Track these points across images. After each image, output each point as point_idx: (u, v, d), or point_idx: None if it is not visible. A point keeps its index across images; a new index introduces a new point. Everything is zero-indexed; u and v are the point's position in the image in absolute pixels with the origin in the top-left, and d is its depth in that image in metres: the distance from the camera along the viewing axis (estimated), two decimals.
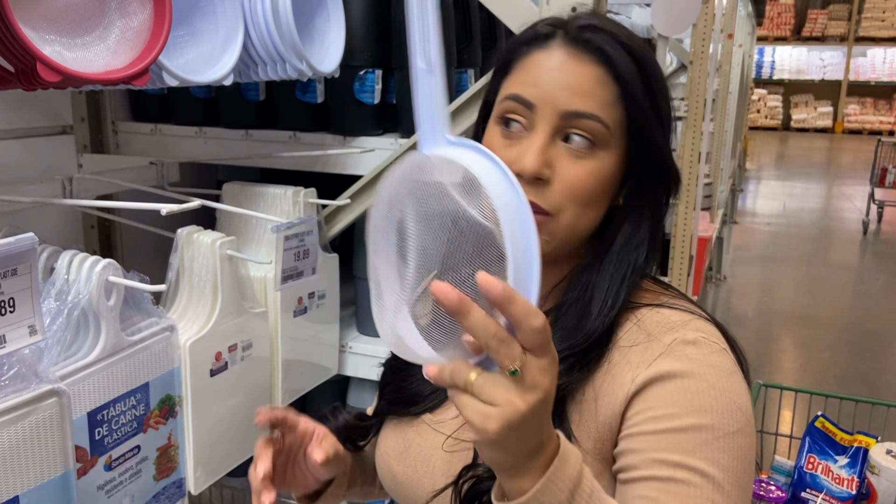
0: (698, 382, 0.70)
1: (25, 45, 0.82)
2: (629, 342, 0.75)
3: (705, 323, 0.77)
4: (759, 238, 7.00)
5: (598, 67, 0.74)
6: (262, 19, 1.15)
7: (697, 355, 0.71)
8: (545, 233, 0.74)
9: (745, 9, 6.99)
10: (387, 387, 0.92)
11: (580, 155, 0.73)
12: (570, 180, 0.73)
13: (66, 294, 0.97)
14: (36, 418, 0.85)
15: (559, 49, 0.75)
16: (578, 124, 0.73)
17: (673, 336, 0.73)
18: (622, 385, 0.72)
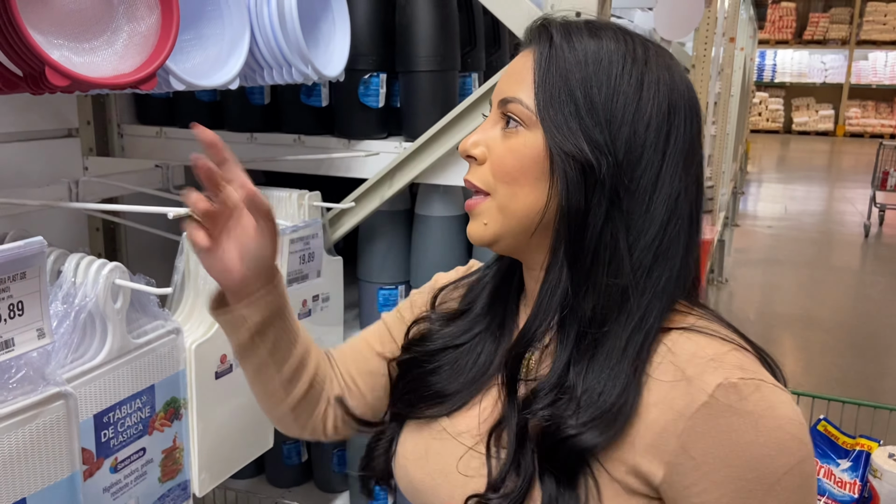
0: (746, 433, 0.67)
1: (34, 49, 0.83)
2: (664, 375, 0.71)
3: (741, 353, 0.72)
4: (760, 241, 7.01)
5: (529, 54, 0.77)
6: (269, 24, 1.16)
7: (739, 403, 0.68)
8: (484, 216, 0.78)
9: (746, 12, 6.99)
10: (403, 383, 0.89)
11: (509, 135, 0.77)
12: (494, 158, 0.77)
13: (73, 297, 0.97)
14: (43, 421, 0.85)
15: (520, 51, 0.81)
16: (507, 108, 0.77)
17: (714, 381, 0.69)
18: (655, 427, 0.70)
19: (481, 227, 0.78)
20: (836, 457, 1.79)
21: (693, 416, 0.68)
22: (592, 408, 0.71)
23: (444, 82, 1.44)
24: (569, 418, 0.71)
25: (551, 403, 0.72)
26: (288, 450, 1.80)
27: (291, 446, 1.80)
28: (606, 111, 0.73)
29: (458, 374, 0.85)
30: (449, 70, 1.43)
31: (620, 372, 0.71)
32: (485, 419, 0.81)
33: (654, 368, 0.72)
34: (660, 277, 0.74)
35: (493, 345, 0.85)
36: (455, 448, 0.81)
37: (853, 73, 13.86)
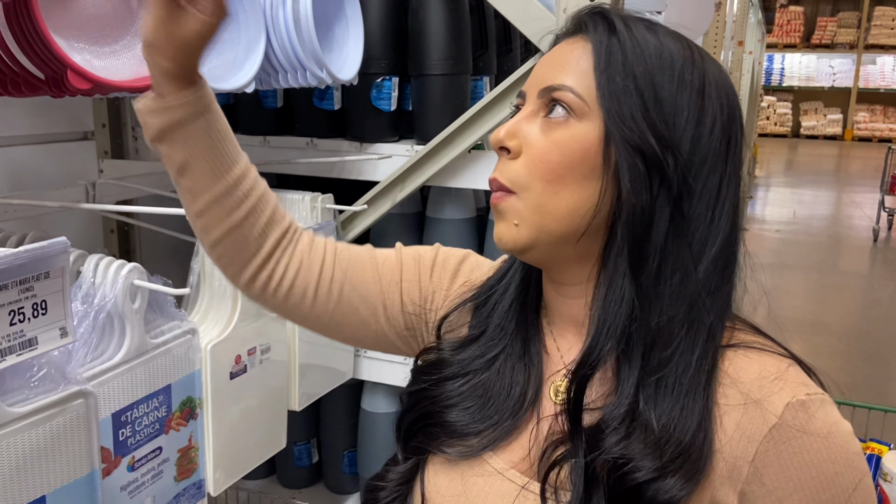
0: (817, 452, 0.65)
1: (57, 53, 0.85)
2: (731, 400, 0.67)
3: (797, 369, 0.69)
4: (768, 245, 6.99)
5: (577, 41, 0.71)
6: (284, 28, 1.17)
7: (808, 423, 0.65)
8: (513, 216, 0.70)
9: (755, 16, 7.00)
10: (417, 416, 0.81)
11: (554, 126, 0.69)
12: (534, 152, 0.69)
13: (92, 297, 0.99)
14: (64, 419, 0.86)
15: (561, 38, 0.74)
16: (554, 95, 0.69)
17: (782, 401, 0.66)
18: (730, 458, 0.66)
19: (512, 228, 0.70)
20: None
21: (764, 440, 0.66)
22: (670, 445, 0.65)
23: (456, 86, 1.45)
24: (646, 458, 0.64)
25: (625, 437, 0.65)
26: (299, 451, 1.82)
27: (303, 447, 1.82)
28: (671, 107, 0.68)
29: (490, 405, 0.76)
30: (461, 73, 1.45)
31: (695, 400, 0.66)
32: (528, 452, 0.74)
33: (718, 394, 0.68)
34: (725, 292, 0.70)
35: (523, 369, 0.77)
36: (502, 485, 0.74)
37: (861, 77, 13.82)
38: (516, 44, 1.78)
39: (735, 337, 0.71)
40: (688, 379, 0.66)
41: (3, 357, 0.73)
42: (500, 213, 0.71)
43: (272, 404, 1.31)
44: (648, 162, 0.67)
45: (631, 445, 0.65)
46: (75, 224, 1.56)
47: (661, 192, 0.67)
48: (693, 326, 0.67)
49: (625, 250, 0.68)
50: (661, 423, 0.65)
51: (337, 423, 1.75)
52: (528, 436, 0.75)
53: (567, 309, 0.76)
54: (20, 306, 0.74)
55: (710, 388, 0.67)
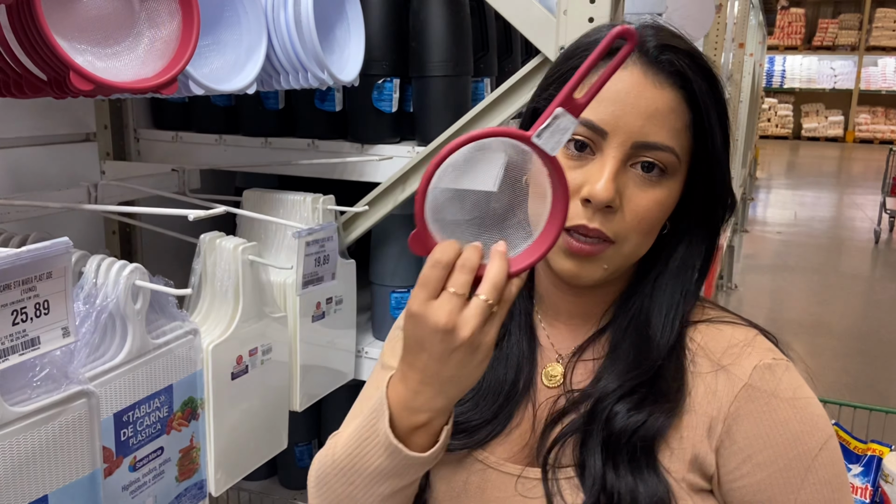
0: (784, 413, 0.72)
1: (59, 54, 0.85)
2: (703, 368, 0.75)
3: (762, 336, 0.78)
4: (770, 247, 6.99)
5: (674, 92, 0.70)
6: (285, 30, 1.17)
7: (775, 384, 0.73)
8: (605, 261, 0.73)
9: (755, 18, 6.99)
10: None
11: (649, 183, 0.71)
12: (638, 210, 0.71)
13: (94, 297, 0.99)
14: (66, 419, 0.87)
15: (634, 68, 0.71)
16: (650, 155, 0.71)
17: (750, 364, 0.74)
18: (705, 417, 0.73)
19: (601, 270, 0.74)
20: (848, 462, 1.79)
21: (735, 399, 0.72)
22: (661, 391, 0.74)
23: (457, 87, 1.45)
24: (643, 406, 0.73)
25: (627, 396, 0.74)
26: (300, 452, 1.82)
27: (304, 448, 1.82)
28: (729, 139, 0.76)
29: (484, 398, 0.80)
30: (462, 75, 1.45)
31: (676, 353, 0.76)
32: (526, 441, 0.78)
33: (691, 363, 0.76)
34: (700, 280, 0.80)
35: (516, 364, 0.81)
36: (499, 479, 0.78)
37: (862, 78, 13.83)
38: (517, 46, 1.78)
39: (706, 314, 0.80)
40: (670, 333, 0.76)
41: (6, 357, 0.74)
42: (594, 260, 0.73)
43: (273, 405, 1.31)
44: (720, 213, 0.79)
45: (636, 412, 0.73)
46: (77, 225, 1.56)
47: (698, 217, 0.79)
48: (675, 321, 0.77)
49: (666, 269, 0.79)
50: (664, 386, 0.74)
51: (338, 423, 1.74)
52: (524, 425, 0.79)
53: (571, 306, 0.82)
54: (23, 306, 0.74)
55: (683, 339, 0.77)
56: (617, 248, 0.73)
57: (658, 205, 0.73)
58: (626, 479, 0.71)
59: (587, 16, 1.20)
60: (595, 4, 1.19)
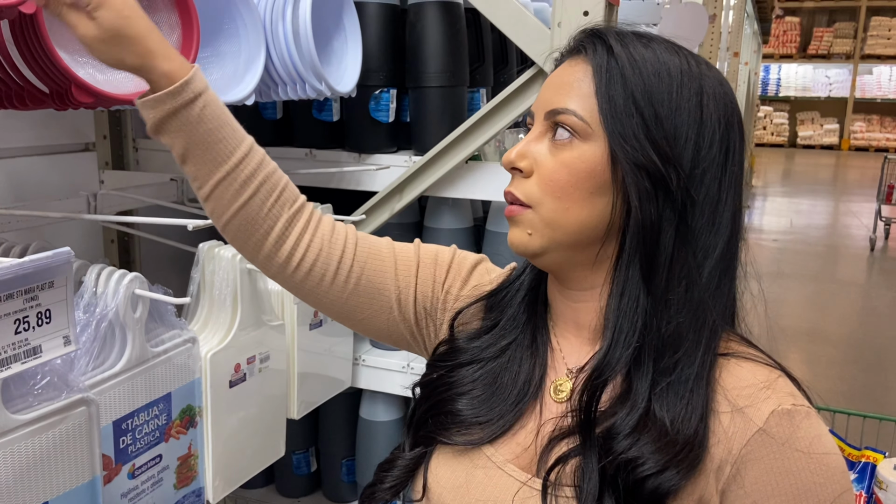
0: (797, 461, 0.68)
1: (62, 67, 0.86)
2: (719, 406, 0.71)
3: (786, 380, 0.73)
4: (766, 254, 7.01)
5: (582, 64, 0.74)
6: (284, 42, 1.19)
7: (792, 433, 0.68)
8: (527, 225, 0.74)
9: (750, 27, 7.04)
10: (431, 404, 0.83)
11: (560, 147, 0.73)
12: (544, 171, 0.74)
13: (94, 306, 1.00)
14: (66, 426, 0.88)
15: (564, 59, 0.78)
16: (558, 119, 0.74)
17: (767, 408, 0.69)
18: (715, 459, 0.69)
19: (525, 236, 0.75)
20: None
21: (747, 444, 0.69)
22: (678, 441, 0.68)
23: (453, 98, 1.47)
24: (654, 454, 0.68)
25: (637, 439, 0.69)
26: (297, 459, 1.83)
27: (301, 456, 1.83)
28: (670, 124, 0.72)
29: (497, 395, 0.80)
30: (457, 86, 1.47)
31: (697, 400, 0.69)
32: (528, 447, 0.77)
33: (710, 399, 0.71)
34: (726, 296, 0.74)
35: (530, 358, 0.81)
36: (503, 480, 0.77)
37: (858, 87, 13.90)
38: (512, 57, 1.80)
39: (729, 347, 0.74)
40: (693, 376, 0.70)
41: (8, 365, 0.75)
42: (515, 223, 0.75)
43: (271, 412, 1.32)
44: (653, 178, 0.71)
45: (642, 446, 0.68)
46: (76, 234, 1.57)
47: (666, 206, 0.72)
48: (699, 328, 0.71)
49: (636, 261, 0.73)
50: (671, 422, 0.68)
51: (335, 431, 1.76)
52: (528, 431, 0.78)
53: (572, 313, 0.80)
54: (25, 315, 0.75)
55: (710, 383, 0.71)
56: (534, 213, 0.74)
57: (564, 166, 0.73)
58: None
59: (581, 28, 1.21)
60: (588, 17, 1.21)
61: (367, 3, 1.44)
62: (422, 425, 0.83)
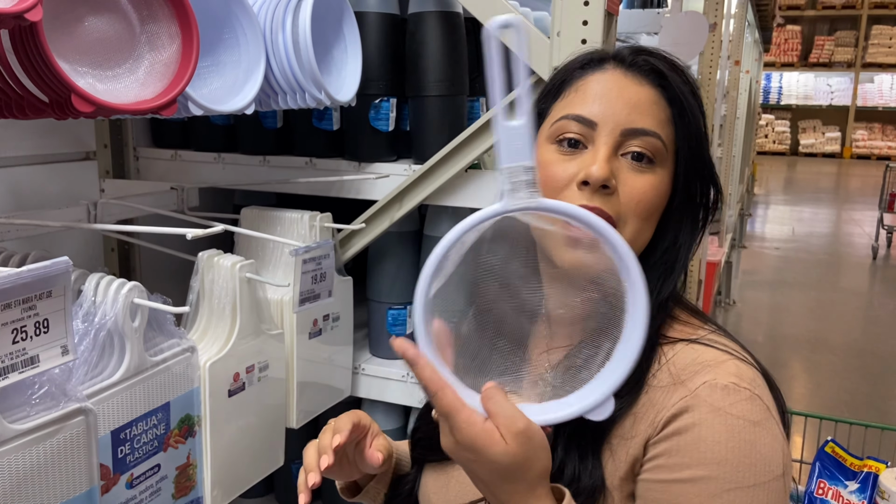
0: (716, 432, 0.69)
1: (62, 77, 0.87)
2: (661, 381, 0.74)
3: (741, 364, 0.74)
4: (768, 263, 7.00)
5: (653, 88, 0.76)
6: (283, 52, 1.19)
7: (721, 402, 0.70)
8: None
9: (751, 35, 7.05)
10: (419, 436, 0.92)
11: (641, 169, 0.75)
12: (633, 191, 0.75)
13: (92, 315, 1.00)
14: (64, 436, 0.87)
15: (615, 70, 0.78)
16: (639, 141, 0.75)
17: (702, 379, 0.72)
18: (644, 427, 0.73)
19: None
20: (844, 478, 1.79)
21: (672, 409, 0.72)
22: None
23: (453, 107, 1.47)
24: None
25: None
26: (297, 469, 1.82)
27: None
28: (707, 136, 0.79)
29: None
30: (457, 95, 1.47)
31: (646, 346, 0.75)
32: None
33: (652, 377, 0.75)
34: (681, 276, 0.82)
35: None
36: None
37: (859, 95, 13.91)
38: None
39: (696, 333, 0.78)
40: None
41: (6, 375, 0.75)
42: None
43: (270, 422, 1.32)
44: (695, 201, 0.80)
45: None
46: (76, 243, 1.57)
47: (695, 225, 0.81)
48: (661, 306, 0.78)
49: (647, 262, 0.77)
50: None
51: None
52: None
53: (567, 315, 0.80)
54: (23, 325, 0.75)
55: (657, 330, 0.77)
56: (619, 230, 0.73)
57: (653, 188, 0.75)
58: (573, 459, 0.74)
59: (580, 37, 1.22)
60: (588, 27, 1.21)
61: (367, 13, 1.44)
62: (415, 447, 0.91)
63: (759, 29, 7.49)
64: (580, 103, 0.77)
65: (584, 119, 0.76)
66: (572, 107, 0.78)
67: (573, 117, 0.76)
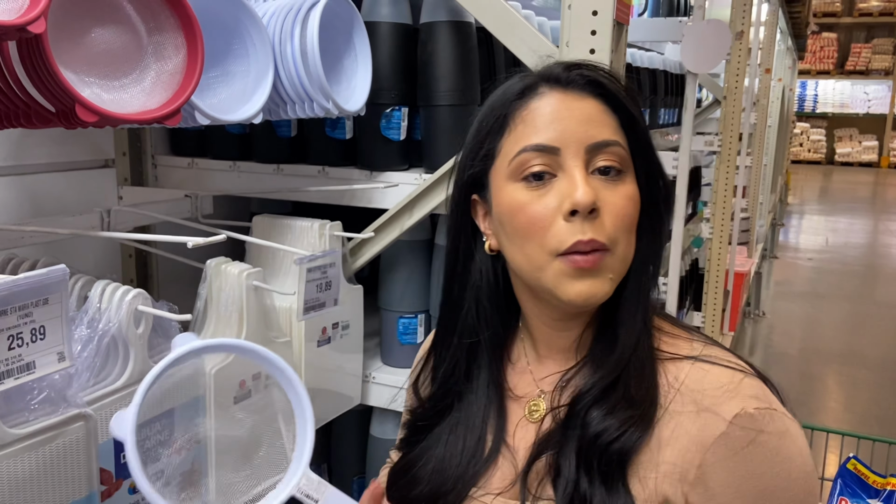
0: (760, 464, 0.69)
1: (66, 87, 0.88)
2: (679, 406, 0.73)
3: (753, 380, 0.74)
4: (800, 273, 6.87)
5: (595, 100, 0.75)
6: (292, 61, 1.20)
7: (756, 428, 0.69)
8: (609, 270, 0.73)
9: (784, 43, 6.95)
10: (393, 491, 0.88)
11: (614, 182, 0.73)
12: (616, 208, 0.73)
13: (97, 322, 1.01)
14: (63, 441, 0.89)
15: (553, 91, 0.75)
16: (604, 154, 0.73)
17: (731, 410, 0.70)
18: (674, 456, 0.71)
19: (608, 282, 0.74)
20: (867, 496, 1.75)
21: (711, 446, 0.70)
22: (632, 407, 0.73)
23: (464, 116, 1.47)
24: (613, 422, 0.73)
25: (608, 412, 0.74)
26: None
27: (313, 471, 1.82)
28: (655, 152, 0.79)
29: (458, 445, 0.83)
30: (468, 104, 1.46)
31: (650, 366, 0.76)
32: (512, 474, 0.79)
33: (667, 400, 0.74)
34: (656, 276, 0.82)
35: (479, 428, 0.83)
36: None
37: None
38: None
39: (694, 349, 0.77)
40: (633, 327, 0.77)
41: (2, 380, 0.76)
42: (598, 271, 0.73)
43: (278, 429, 1.32)
44: (665, 203, 0.79)
45: (607, 416, 0.73)
46: (94, 249, 1.60)
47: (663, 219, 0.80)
48: (645, 311, 0.78)
49: (641, 282, 0.78)
50: (634, 392, 0.74)
51: (346, 448, 1.75)
52: (508, 460, 0.80)
53: (560, 341, 0.83)
54: (19, 331, 0.76)
55: (649, 342, 0.77)
56: (613, 254, 0.73)
57: (629, 199, 0.74)
58: (599, 490, 0.70)
59: (589, 47, 1.21)
60: (596, 36, 1.20)
61: (380, 23, 1.45)
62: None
63: (792, 36, 7.38)
64: (533, 132, 0.74)
65: (544, 147, 0.73)
66: (526, 138, 0.74)
67: (532, 148, 0.73)
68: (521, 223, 0.74)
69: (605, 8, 1.19)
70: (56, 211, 1.49)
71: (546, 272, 0.73)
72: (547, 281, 0.74)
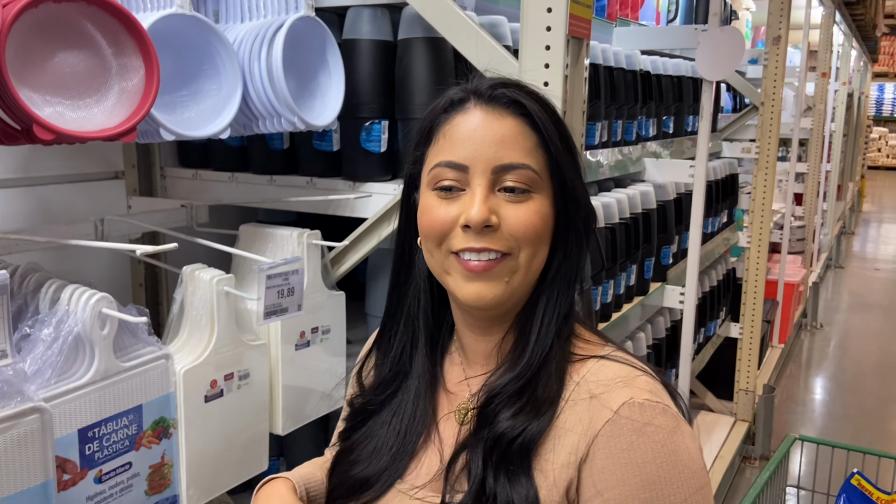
0: (644, 453, 0.72)
1: (23, 108, 0.97)
2: (577, 396, 0.78)
3: (650, 379, 0.78)
4: (865, 284, 6.59)
5: (516, 118, 0.79)
6: (259, 80, 1.27)
7: (643, 418, 0.73)
8: (505, 273, 0.79)
9: (849, 43, 6.70)
10: (335, 472, 0.93)
11: (518, 200, 0.78)
12: (517, 222, 0.78)
13: (64, 323, 1.10)
14: (17, 432, 0.97)
15: (476, 108, 0.80)
16: (510, 175, 0.78)
17: (621, 399, 0.75)
18: (571, 444, 0.75)
19: (503, 285, 0.79)
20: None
21: (599, 432, 0.74)
22: (536, 405, 0.77)
23: None
24: (517, 422, 0.77)
25: (515, 412, 0.78)
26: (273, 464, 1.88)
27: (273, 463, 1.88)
28: (578, 156, 0.83)
29: (377, 454, 0.88)
30: None
31: (558, 370, 0.80)
32: (438, 470, 0.83)
33: (568, 394, 0.78)
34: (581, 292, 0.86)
35: (409, 416, 0.87)
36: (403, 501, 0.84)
37: None
38: None
39: (603, 351, 0.82)
40: (545, 338, 0.81)
41: None
42: (493, 275, 0.79)
43: (251, 427, 1.39)
44: (583, 220, 0.83)
45: (516, 417, 0.77)
46: (101, 256, 1.71)
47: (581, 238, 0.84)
48: (553, 323, 0.82)
49: (557, 293, 0.83)
50: (541, 394, 0.78)
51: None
52: (434, 457, 0.85)
53: (482, 346, 0.88)
54: None
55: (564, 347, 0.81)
56: (513, 259, 0.79)
57: (534, 214, 0.78)
58: (503, 484, 0.75)
59: (543, 62, 1.23)
60: (550, 51, 1.23)
61: (360, 40, 1.51)
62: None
63: (859, 39, 7.10)
64: (449, 149, 0.79)
65: (455, 164, 0.79)
66: (443, 153, 0.80)
67: (445, 164, 0.79)
68: (426, 224, 0.81)
69: (558, 24, 1.21)
70: (66, 221, 1.61)
71: (451, 275, 0.81)
72: (450, 282, 0.81)
